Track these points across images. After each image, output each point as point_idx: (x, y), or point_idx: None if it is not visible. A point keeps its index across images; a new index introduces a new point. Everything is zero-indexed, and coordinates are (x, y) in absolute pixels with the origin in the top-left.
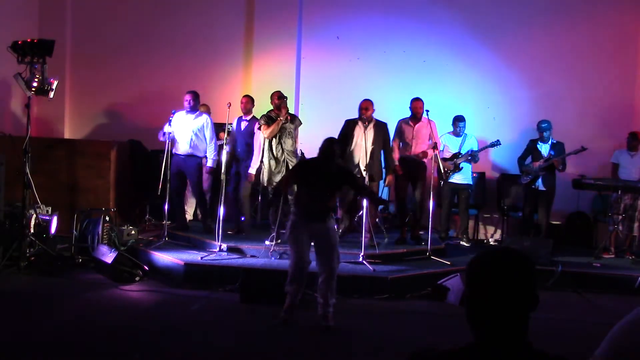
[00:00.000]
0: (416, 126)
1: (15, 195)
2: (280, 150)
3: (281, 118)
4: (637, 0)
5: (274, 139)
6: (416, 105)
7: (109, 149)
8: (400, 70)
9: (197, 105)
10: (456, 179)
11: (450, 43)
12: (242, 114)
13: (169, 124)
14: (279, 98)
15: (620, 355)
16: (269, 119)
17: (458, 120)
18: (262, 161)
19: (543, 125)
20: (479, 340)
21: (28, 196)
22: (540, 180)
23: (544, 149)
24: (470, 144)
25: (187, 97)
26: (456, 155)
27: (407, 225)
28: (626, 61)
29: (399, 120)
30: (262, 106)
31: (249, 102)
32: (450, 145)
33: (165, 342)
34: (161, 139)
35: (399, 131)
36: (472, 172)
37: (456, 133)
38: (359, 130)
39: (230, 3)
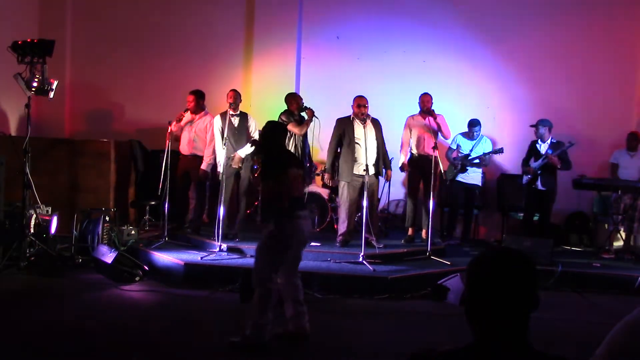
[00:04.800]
0: (426, 120)
1: (15, 195)
2: (300, 149)
3: (309, 119)
4: (637, 1)
5: (299, 138)
6: (424, 100)
7: (109, 149)
8: (400, 70)
9: (198, 106)
10: (466, 179)
11: (450, 43)
12: (229, 110)
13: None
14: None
15: (620, 355)
16: (298, 118)
17: (473, 125)
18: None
19: (538, 123)
20: (479, 340)
21: (28, 196)
22: (539, 180)
23: (543, 148)
24: (484, 148)
25: (189, 97)
26: (466, 157)
27: (413, 225)
28: (626, 61)
29: (408, 117)
30: (262, 106)
31: (238, 96)
32: (462, 145)
33: (165, 342)
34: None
35: (409, 127)
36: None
37: (470, 136)
38: (358, 127)
39: (230, 3)
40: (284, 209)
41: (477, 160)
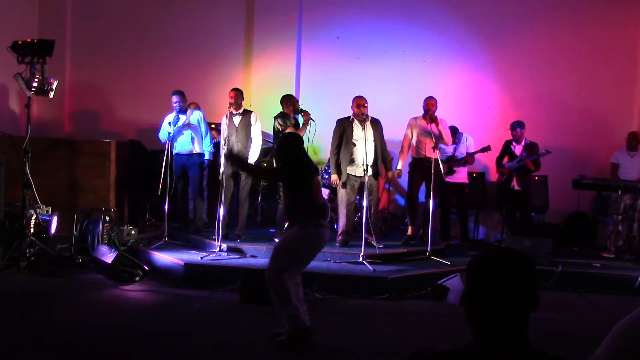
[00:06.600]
0: (428, 127)
1: (15, 195)
2: None
3: (306, 122)
4: (637, 1)
5: None
6: (429, 103)
7: (109, 149)
8: (400, 70)
9: (185, 104)
10: (453, 179)
11: (450, 43)
12: (231, 110)
13: (171, 124)
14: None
15: (620, 354)
16: (294, 122)
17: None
18: None
19: (515, 125)
20: (479, 340)
21: (28, 196)
22: (515, 180)
23: (518, 149)
24: (466, 145)
25: (175, 98)
26: (451, 158)
27: (414, 225)
28: (626, 61)
29: (410, 119)
30: (262, 106)
31: (239, 95)
32: (445, 147)
33: (165, 342)
34: (163, 141)
35: (411, 128)
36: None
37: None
38: (357, 128)
39: (230, 3)
40: (313, 217)
41: (461, 159)
